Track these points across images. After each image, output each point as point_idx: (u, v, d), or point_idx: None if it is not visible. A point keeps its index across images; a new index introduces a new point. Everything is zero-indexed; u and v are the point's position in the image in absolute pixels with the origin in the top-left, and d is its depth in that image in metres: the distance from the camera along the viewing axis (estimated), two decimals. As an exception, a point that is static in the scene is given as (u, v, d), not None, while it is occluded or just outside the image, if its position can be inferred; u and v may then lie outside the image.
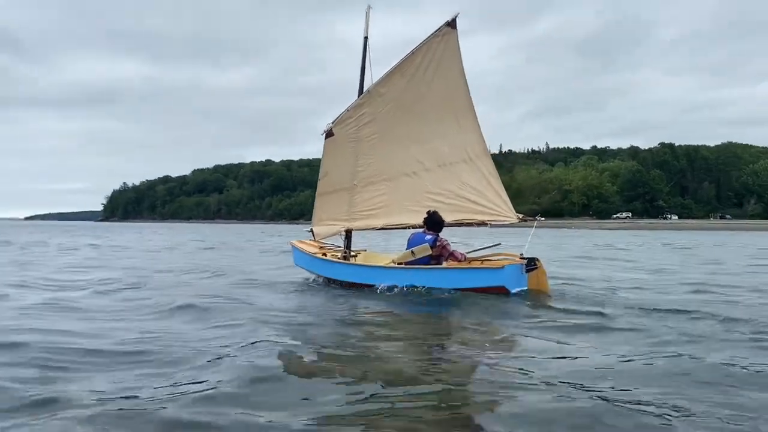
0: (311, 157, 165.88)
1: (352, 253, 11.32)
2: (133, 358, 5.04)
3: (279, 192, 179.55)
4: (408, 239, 9.93)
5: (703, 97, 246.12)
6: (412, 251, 9.56)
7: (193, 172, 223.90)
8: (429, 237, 9.61)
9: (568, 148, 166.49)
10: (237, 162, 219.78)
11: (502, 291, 8.94)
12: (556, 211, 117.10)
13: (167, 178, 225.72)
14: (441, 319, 7.65)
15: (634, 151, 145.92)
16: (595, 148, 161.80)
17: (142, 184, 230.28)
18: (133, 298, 8.97)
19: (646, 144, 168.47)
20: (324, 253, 11.22)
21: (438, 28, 10.69)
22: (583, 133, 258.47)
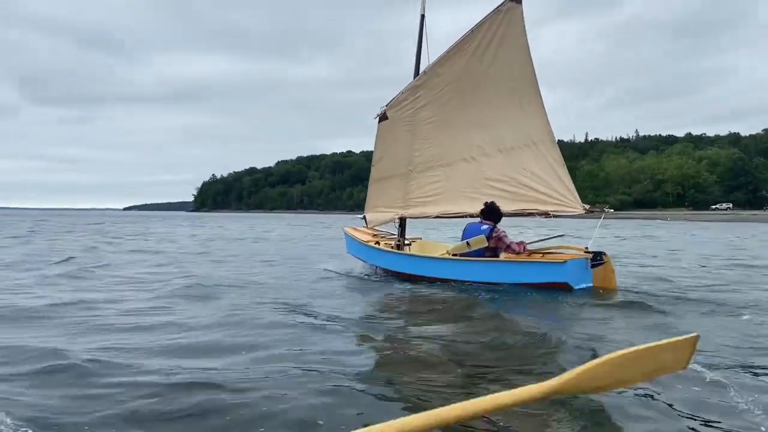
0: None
1: (406, 241, 10.85)
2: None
3: (359, 183, 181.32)
4: (463, 229, 9.32)
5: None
6: (467, 242, 8.96)
7: (277, 163, 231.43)
8: (485, 227, 8.97)
9: (660, 135, 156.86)
10: (319, 153, 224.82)
11: (564, 287, 8.18)
12: (649, 201, 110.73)
13: (253, 170, 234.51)
14: (496, 318, 6.91)
15: (735, 138, 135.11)
16: (689, 135, 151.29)
17: (230, 175, 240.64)
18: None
19: (747, 130, 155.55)
20: (377, 242, 10.82)
21: (501, 3, 9.91)
22: (676, 119, 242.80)
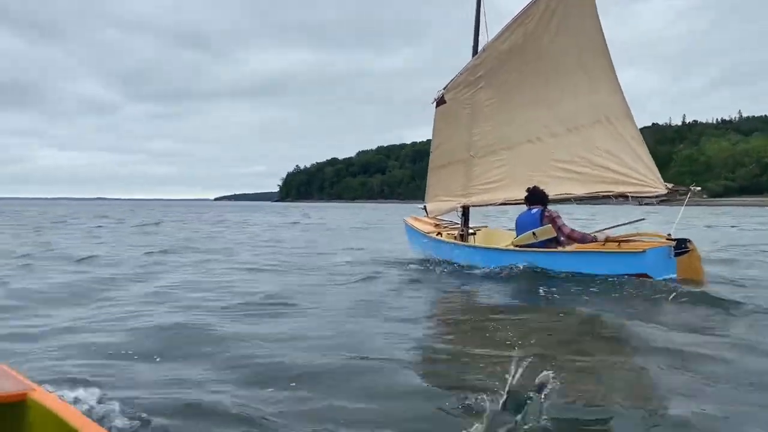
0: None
1: (471, 230, 10.23)
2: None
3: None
4: (515, 221, 8.64)
5: None
6: (533, 233, 8.26)
7: (358, 153, 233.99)
8: (535, 211, 8.27)
9: (766, 116, 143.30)
10: (398, 143, 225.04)
11: (645, 278, 7.32)
12: (756, 187, 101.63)
13: (334, 160, 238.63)
14: (571, 313, 6.23)
15: None
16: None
17: (312, 166, 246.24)
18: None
19: None
20: (438, 232, 10.27)
21: (565, -32, 9.03)
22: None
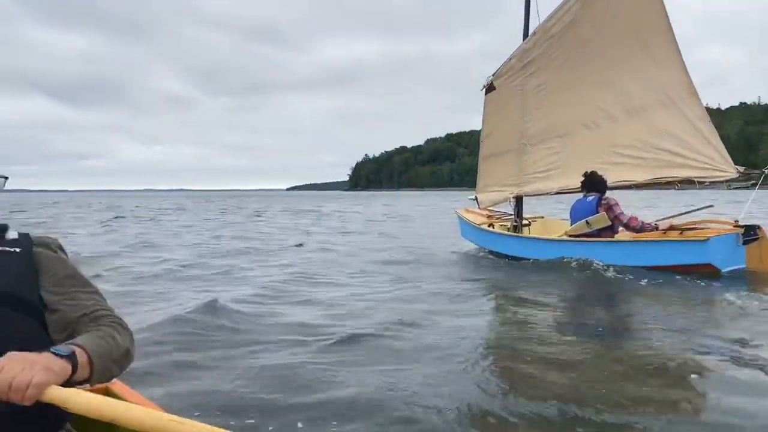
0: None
1: (525, 221, 9.92)
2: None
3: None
4: (570, 209, 8.26)
5: None
6: (587, 221, 7.90)
7: (426, 141, 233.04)
8: (591, 198, 7.88)
9: None
10: (468, 130, 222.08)
11: (708, 269, 6.84)
12: None
13: (403, 149, 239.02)
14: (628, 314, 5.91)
15: None
16: None
17: (381, 155, 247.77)
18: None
19: None
20: (491, 223, 10.03)
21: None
22: None
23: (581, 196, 8.20)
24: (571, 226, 8.21)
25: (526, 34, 9.47)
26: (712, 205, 8.23)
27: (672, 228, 7.51)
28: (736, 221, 7.12)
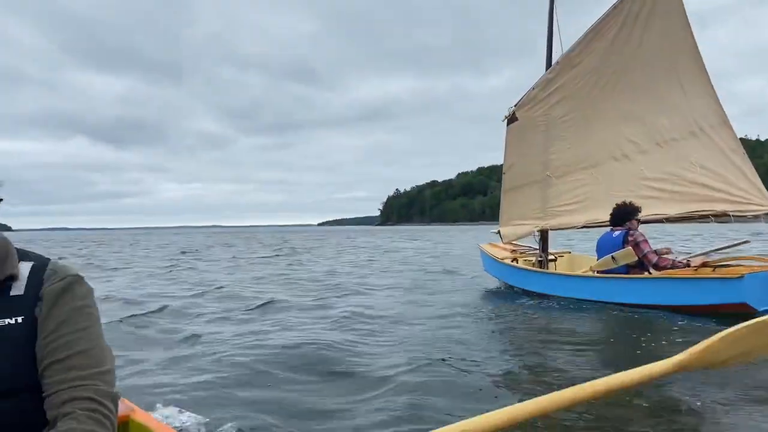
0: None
1: (551, 256, 9.54)
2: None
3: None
4: (596, 244, 7.89)
5: None
6: (612, 257, 7.51)
7: (458, 175, 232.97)
8: (617, 233, 7.50)
9: None
10: (499, 163, 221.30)
11: (743, 310, 6.35)
12: None
13: (434, 183, 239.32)
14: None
15: None
16: None
17: (413, 189, 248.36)
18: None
19: None
20: (514, 258, 9.68)
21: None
22: None
23: (608, 230, 7.84)
24: (597, 261, 7.83)
25: (549, 64, 9.26)
26: (748, 241, 7.76)
27: (705, 265, 7.07)
28: (775, 258, 6.66)
